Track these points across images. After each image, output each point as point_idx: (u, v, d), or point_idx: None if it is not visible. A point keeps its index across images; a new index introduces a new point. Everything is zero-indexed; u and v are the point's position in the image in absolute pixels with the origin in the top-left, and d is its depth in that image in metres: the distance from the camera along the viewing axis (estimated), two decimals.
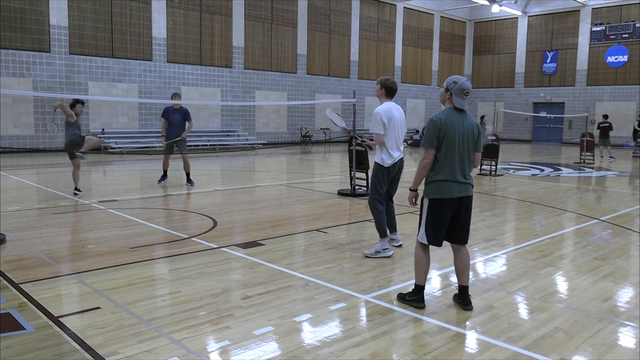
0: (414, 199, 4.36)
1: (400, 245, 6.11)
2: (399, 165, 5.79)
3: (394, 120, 5.63)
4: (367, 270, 5.24)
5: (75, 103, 9.74)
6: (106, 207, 8.39)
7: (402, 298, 4.33)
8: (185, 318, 3.92)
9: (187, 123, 10.86)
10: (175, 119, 10.72)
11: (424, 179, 4.23)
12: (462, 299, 4.26)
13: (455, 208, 4.17)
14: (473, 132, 4.16)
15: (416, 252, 4.32)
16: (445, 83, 4.17)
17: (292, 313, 4.07)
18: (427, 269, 4.29)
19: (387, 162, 5.66)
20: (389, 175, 5.77)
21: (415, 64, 32.02)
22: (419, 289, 4.26)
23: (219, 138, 22.56)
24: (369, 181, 5.96)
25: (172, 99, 10.95)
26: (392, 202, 6.09)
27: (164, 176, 11.00)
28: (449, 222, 4.19)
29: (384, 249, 5.71)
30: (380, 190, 5.79)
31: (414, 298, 4.25)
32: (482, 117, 19.67)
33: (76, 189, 9.48)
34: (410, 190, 4.33)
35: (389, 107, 5.67)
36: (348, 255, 5.79)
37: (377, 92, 5.75)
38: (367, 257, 5.67)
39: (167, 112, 10.79)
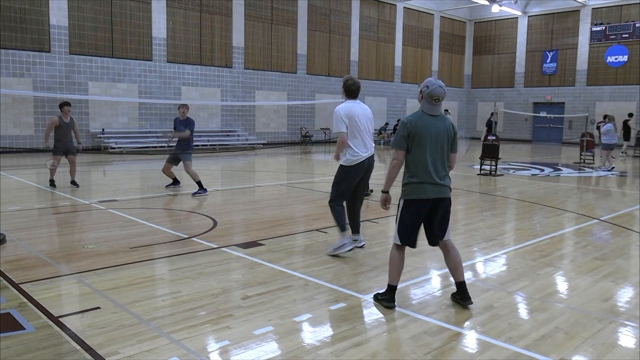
0: (385, 202, 4.31)
1: (362, 246, 5.99)
2: (367, 164, 5.64)
3: (355, 118, 5.52)
4: (367, 270, 5.24)
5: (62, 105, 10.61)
6: (106, 207, 8.39)
7: (375, 297, 4.33)
8: (185, 318, 3.92)
9: (187, 130, 10.02)
10: (180, 130, 10.07)
11: (395, 181, 4.23)
12: (461, 294, 4.26)
13: (430, 209, 4.16)
14: (447, 133, 4.15)
15: (391, 252, 4.32)
16: (421, 84, 4.18)
17: (292, 313, 4.07)
18: (401, 269, 4.28)
19: (352, 160, 5.53)
20: (355, 175, 5.63)
21: (415, 64, 32.02)
22: (392, 288, 4.24)
23: (219, 138, 22.56)
24: (334, 180, 5.77)
25: (178, 110, 10.27)
26: (360, 202, 5.94)
27: (175, 182, 10.48)
28: (421, 223, 4.20)
29: (342, 245, 5.63)
30: (340, 190, 5.67)
31: (385, 297, 4.24)
32: (445, 110, 19.50)
33: (73, 182, 10.49)
34: (382, 192, 4.31)
35: (350, 106, 5.58)
36: (348, 255, 5.78)
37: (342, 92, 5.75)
38: (329, 255, 5.64)
39: (175, 124, 10.24)
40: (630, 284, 4.98)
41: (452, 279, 4.43)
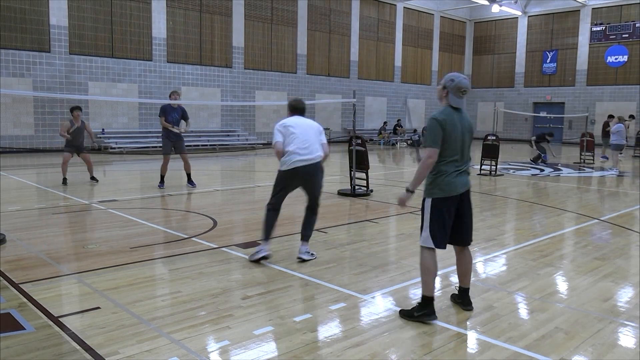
0: (405, 202, 4.08)
1: (304, 260, 5.48)
2: (307, 170, 5.43)
3: (294, 127, 5.50)
4: (367, 270, 5.24)
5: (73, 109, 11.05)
6: (106, 207, 8.39)
7: (409, 315, 3.97)
8: (185, 318, 3.92)
9: (186, 122, 10.62)
10: (173, 118, 10.37)
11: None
12: (463, 299, 4.24)
13: (457, 204, 4.09)
14: (470, 130, 4.16)
15: (423, 259, 4.03)
16: (442, 80, 4.11)
17: (292, 313, 4.07)
18: (436, 276, 4.06)
19: (284, 165, 5.46)
20: (289, 180, 5.54)
21: (415, 64, 32.02)
22: (430, 300, 3.96)
23: (219, 138, 22.55)
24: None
25: (170, 97, 10.53)
26: (314, 212, 5.72)
27: (163, 181, 10.68)
28: (452, 221, 4.08)
29: (257, 252, 5.42)
30: (275, 194, 5.65)
31: (424, 312, 3.93)
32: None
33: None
34: (407, 190, 4.02)
35: (289, 118, 5.64)
36: (348, 255, 5.78)
37: None
38: (250, 260, 5.42)
39: (165, 111, 10.40)
40: (630, 284, 4.98)
41: (453, 279, 4.43)
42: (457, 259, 4.30)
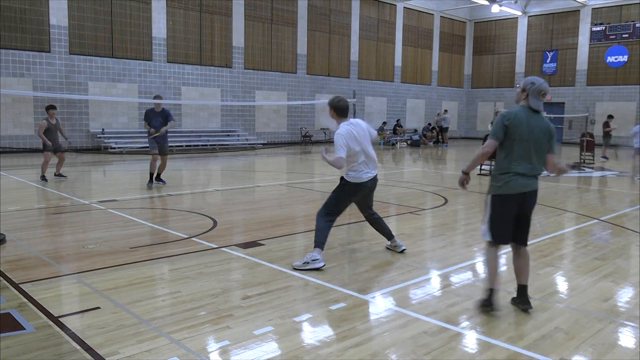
0: (464, 182, 4.46)
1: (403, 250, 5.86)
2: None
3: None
4: (367, 270, 5.24)
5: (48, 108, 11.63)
6: (106, 207, 8.39)
7: (480, 305, 4.17)
8: (185, 318, 3.92)
9: (168, 123, 10.57)
10: (157, 123, 10.46)
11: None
12: (521, 298, 4.24)
13: (520, 203, 4.14)
14: (547, 133, 4.14)
15: (485, 253, 4.35)
16: (522, 83, 4.19)
17: (292, 313, 4.06)
18: (497, 269, 4.29)
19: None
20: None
21: (415, 64, 32.01)
22: (490, 292, 4.15)
23: (219, 138, 22.55)
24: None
25: (154, 99, 10.78)
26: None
27: (152, 179, 10.71)
28: (513, 219, 4.17)
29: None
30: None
31: (483, 303, 4.15)
32: (445, 111, 19.38)
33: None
34: (463, 172, 4.39)
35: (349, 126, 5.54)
36: (348, 255, 5.78)
37: None
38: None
39: (148, 116, 10.60)
40: (630, 284, 4.98)
41: (454, 279, 4.42)
42: (514, 253, 4.37)
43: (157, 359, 3.29)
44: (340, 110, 5.48)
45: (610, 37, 28.92)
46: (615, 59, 28.87)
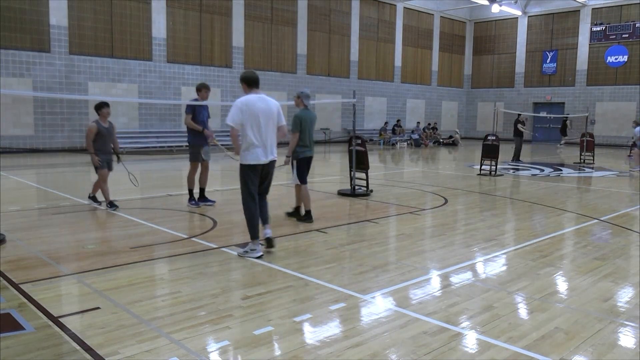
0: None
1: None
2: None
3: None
4: (367, 270, 5.24)
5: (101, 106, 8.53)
6: (106, 207, 8.38)
7: None
8: (185, 318, 3.92)
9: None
10: (204, 118, 8.55)
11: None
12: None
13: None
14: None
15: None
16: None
17: (292, 313, 4.06)
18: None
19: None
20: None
21: (415, 64, 32.01)
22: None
23: (219, 138, 22.48)
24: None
25: (198, 92, 8.35)
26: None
27: (193, 197, 8.65)
28: None
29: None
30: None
31: None
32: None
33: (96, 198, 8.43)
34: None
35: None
36: (348, 255, 5.78)
37: None
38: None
39: (196, 107, 8.36)
40: (630, 284, 4.98)
41: (453, 279, 4.41)
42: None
43: (157, 359, 3.29)
44: (246, 80, 5.78)
45: (610, 37, 28.93)
46: (615, 59, 28.88)
